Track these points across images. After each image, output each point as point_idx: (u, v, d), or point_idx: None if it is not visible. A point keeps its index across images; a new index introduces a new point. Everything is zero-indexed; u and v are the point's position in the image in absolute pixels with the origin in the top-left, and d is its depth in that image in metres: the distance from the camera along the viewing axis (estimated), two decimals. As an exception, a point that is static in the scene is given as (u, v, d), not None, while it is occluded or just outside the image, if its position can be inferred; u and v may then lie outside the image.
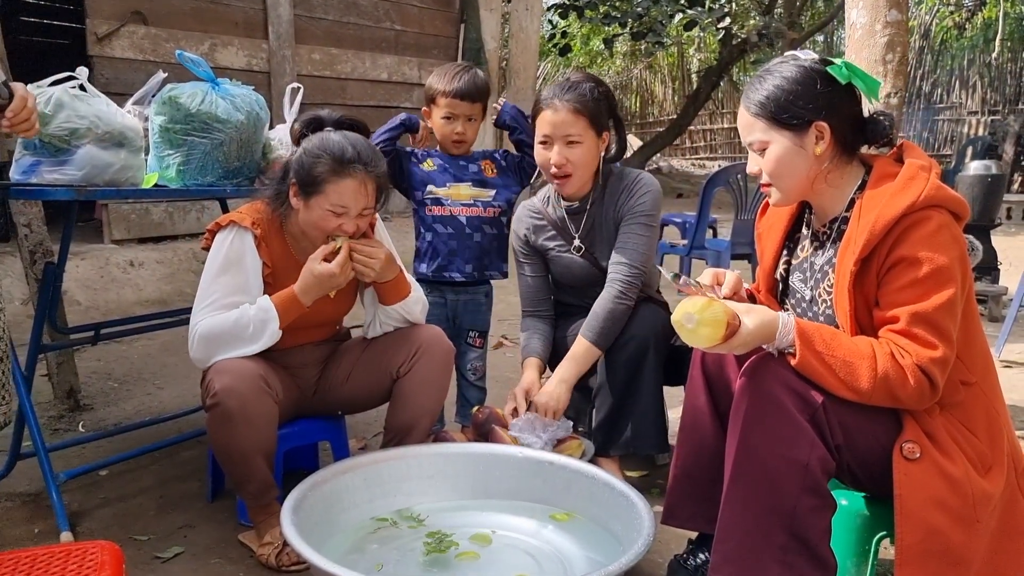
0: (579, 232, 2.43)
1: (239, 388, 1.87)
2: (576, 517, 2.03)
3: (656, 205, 2.39)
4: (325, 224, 1.97)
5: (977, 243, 4.92)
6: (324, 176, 1.92)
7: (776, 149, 1.61)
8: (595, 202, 2.41)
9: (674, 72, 17.97)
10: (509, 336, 4.47)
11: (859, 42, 3.16)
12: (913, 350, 1.47)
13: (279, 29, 6.31)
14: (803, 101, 1.58)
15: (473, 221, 2.57)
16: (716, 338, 1.47)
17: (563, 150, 2.27)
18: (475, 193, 2.58)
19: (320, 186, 1.93)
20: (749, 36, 10.63)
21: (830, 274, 1.66)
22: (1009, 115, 13.43)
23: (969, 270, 1.56)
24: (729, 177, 4.89)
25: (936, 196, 1.50)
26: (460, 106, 2.49)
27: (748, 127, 1.65)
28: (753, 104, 1.63)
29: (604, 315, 2.29)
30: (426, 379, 2.14)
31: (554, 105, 2.25)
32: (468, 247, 2.57)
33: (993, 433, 1.56)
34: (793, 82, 1.59)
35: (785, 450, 1.48)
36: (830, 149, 1.61)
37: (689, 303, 1.49)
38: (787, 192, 1.66)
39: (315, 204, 1.95)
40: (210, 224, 2.07)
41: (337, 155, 1.92)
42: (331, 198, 1.93)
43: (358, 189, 1.93)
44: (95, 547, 1.39)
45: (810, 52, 1.66)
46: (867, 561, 1.64)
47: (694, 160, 17.27)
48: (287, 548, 1.95)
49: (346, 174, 1.92)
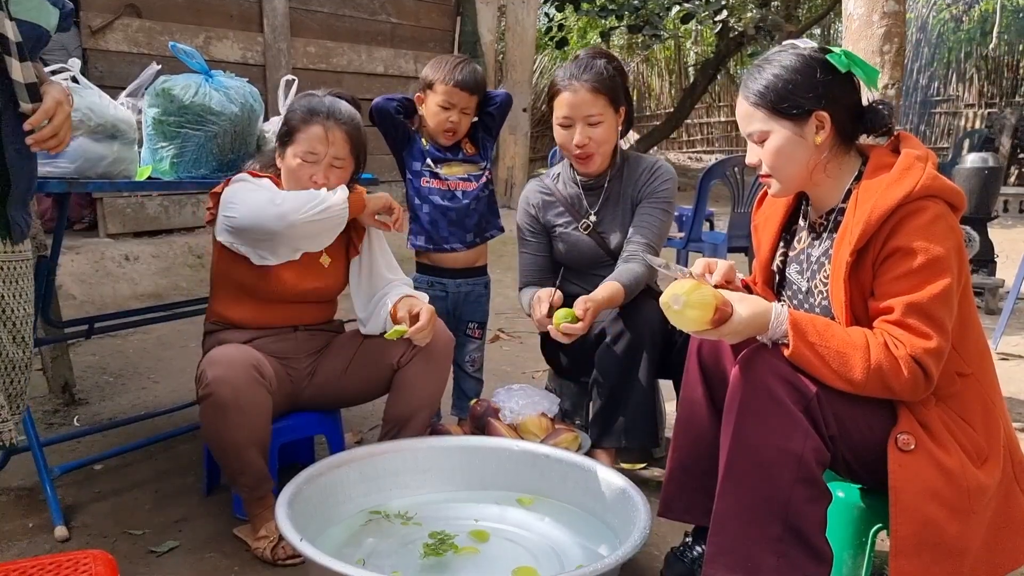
0: (595, 207, 2.45)
1: (231, 378, 1.87)
2: (540, 500, 2.07)
3: (675, 194, 2.44)
4: (300, 172, 2.07)
5: (974, 234, 4.92)
6: (295, 125, 2.08)
7: (776, 139, 1.60)
8: (613, 179, 2.44)
9: (671, 65, 17.92)
10: (506, 329, 4.46)
11: (856, 33, 3.15)
12: (907, 340, 1.47)
13: (274, 22, 6.28)
14: (803, 90, 1.57)
15: (469, 194, 2.61)
16: (703, 321, 1.47)
17: (585, 130, 2.30)
18: (467, 168, 2.62)
19: (293, 135, 2.08)
20: (746, 29, 10.59)
21: (826, 265, 1.65)
22: (1006, 108, 13.41)
23: (966, 261, 1.55)
24: (726, 170, 4.88)
25: (932, 186, 1.49)
26: (459, 96, 2.49)
27: (747, 117, 1.64)
28: (752, 94, 1.61)
29: (629, 273, 2.28)
30: (427, 369, 2.14)
31: (573, 86, 2.27)
32: (468, 216, 2.61)
33: (989, 424, 1.56)
34: (793, 71, 1.57)
35: (779, 441, 1.48)
36: (830, 138, 1.60)
37: (678, 285, 1.49)
38: (787, 182, 1.65)
39: (289, 153, 2.09)
40: (217, 187, 2.12)
41: (308, 107, 2.10)
42: (302, 145, 2.07)
43: (324, 135, 2.07)
44: (87, 557, 1.35)
45: (809, 40, 1.65)
46: (864, 553, 1.64)
47: (691, 153, 17.24)
48: (283, 542, 1.94)
49: (314, 122, 2.07)
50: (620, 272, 2.30)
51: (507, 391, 2.45)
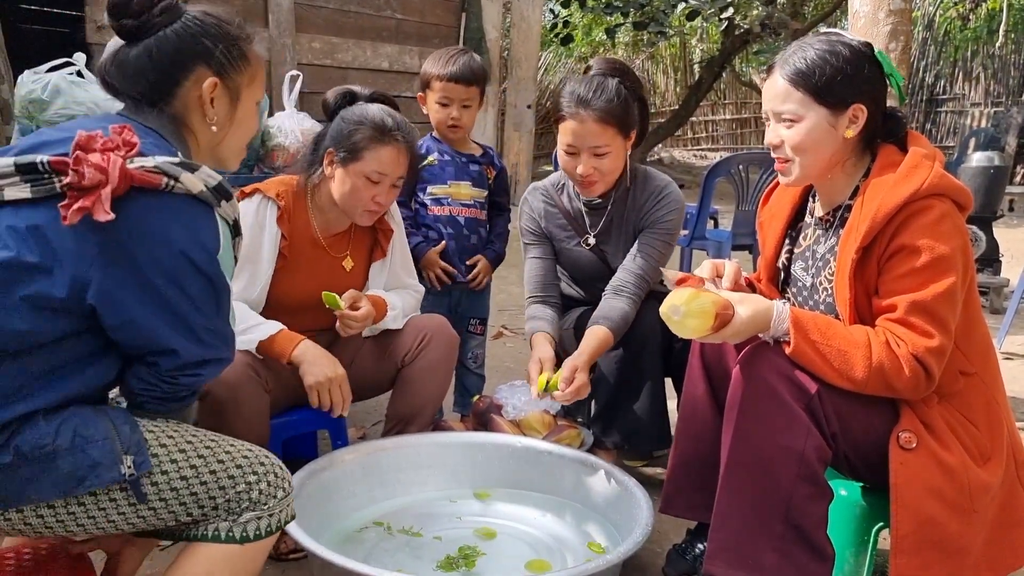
0: (596, 229, 2.37)
1: (228, 377, 1.86)
2: (497, 491, 2.09)
3: (680, 225, 2.34)
4: (360, 193, 1.99)
5: (980, 233, 4.89)
6: (364, 143, 1.96)
7: (808, 124, 1.56)
8: (618, 201, 2.33)
9: (676, 63, 17.89)
10: (509, 326, 4.46)
11: (862, 31, 3.14)
12: (909, 339, 1.46)
13: (279, 17, 6.28)
14: (850, 80, 1.54)
15: (471, 222, 2.57)
16: (704, 329, 1.46)
17: (591, 160, 2.16)
18: (474, 193, 2.57)
19: (359, 153, 1.97)
20: (752, 26, 10.57)
21: (832, 262, 1.65)
22: (1012, 107, 13.35)
23: (971, 260, 1.55)
24: (731, 167, 4.87)
25: (939, 185, 1.49)
26: (455, 90, 2.45)
27: (782, 95, 1.57)
28: (793, 72, 1.55)
29: (617, 313, 2.21)
30: (432, 367, 2.14)
31: (580, 116, 2.12)
32: (465, 248, 2.57)
33: (992, 423, 1.56)
34: (844, 59, 1.54)
35: (780, 438, 1.48)
36: (859, 135, 1.59)
37: (676, 295, 1.48)
38: (806, 170, 1.61)
39: (353, 171, 1.98)
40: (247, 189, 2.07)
41: (378, 124, 1.97)
42: (370, 164, 1.96)
43: (396, 157, 1.99)
44: None
45: (855, 34, 1.64)
46: (866, 552, 1.64)
47: (696, 151, 17.22)
48: (285, 536, 1.94)
49: (385, 142, 1.97)
50: (609, 312, 2.21)
51: (510, 387, 2.44)
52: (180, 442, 1.28)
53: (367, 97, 2.10)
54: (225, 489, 1.27)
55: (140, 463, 1.21)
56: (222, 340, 1.32)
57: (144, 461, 1.22)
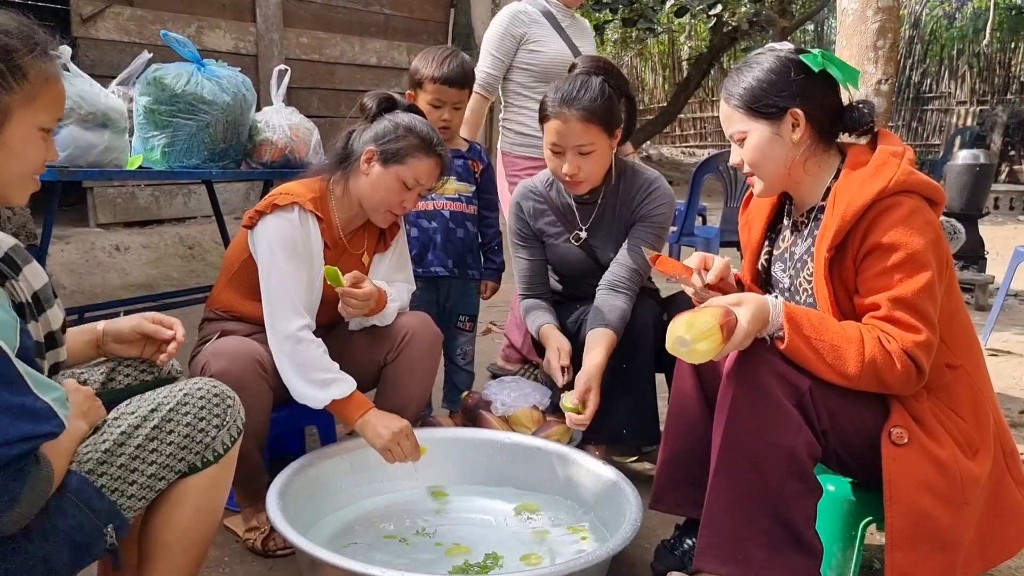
0: (587, 223, 2.37)
1: (236, 371, 1.86)
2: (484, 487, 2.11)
3: (671, 218, 2.35)
4: (392, 195, 2.05)
5: (959, 226, 4.90)
6: (410, 151, 2.04)
7: (754, 138, 1.63)
8: (608, 195, 2.34)
9: (665, 60, 17.92)
10: (497, 322, 4.45)
11: (850, 28, 3.15)
12: (898, 335, 1.48)
13: (267, 12, 6.24)
14: (777, 89, 1.60)
15: (456, 216, 2.56)
16: (716, 345, 1.44)
17: (575, 159, 2.17)
18: (460, 187, 2.57)
19: (404, 158, 2.04)
20: (740, 24, 10.60)
21: (809, 263, 1.67)
22: (998, 105, 13.48)
23: (947, 253, 1.56)
24: (719, 164, 4.88)
25: (907, 181, 1.51)
26: (449, 93, 2.46)
27: (728, 119, 1.68)
28: (732, 96, 1.65)
29: (616, 313, 2.22)
30: (413, 366, 2.13)
31: (563, 116, 2.13)
32: (451, 242, 2.56)
33: (979, 415, 1.57)
34: (768, 72, 1.61)
35: (771, 435, 1.48)
36: (807, 136, 1.62)
37: (673, 327, 1.47)
38: (768, 180, 1.67)
39: (392, 172, 2.04)
40: (261, 203, 2.03)
41: (425, 137, 2.07)
42: (412, 171, 2.04)
43: (433, 171, 2.08)
44: None
45: (787, 43, 1.70)
46: (853, 546, 1.65)
47: (684, 148, 17.26)
48: (274, 533, 1.94)
49: (430, 155, 2.06)
50: (607, 312, 2.21)
51: (499, 384, 2.44)
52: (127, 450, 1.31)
53: (407, 107, 2.16)
54: (187, 448, 1.36)
55: (119, 527, 1.28)
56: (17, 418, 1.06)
57: (123, 525, 1.28)
